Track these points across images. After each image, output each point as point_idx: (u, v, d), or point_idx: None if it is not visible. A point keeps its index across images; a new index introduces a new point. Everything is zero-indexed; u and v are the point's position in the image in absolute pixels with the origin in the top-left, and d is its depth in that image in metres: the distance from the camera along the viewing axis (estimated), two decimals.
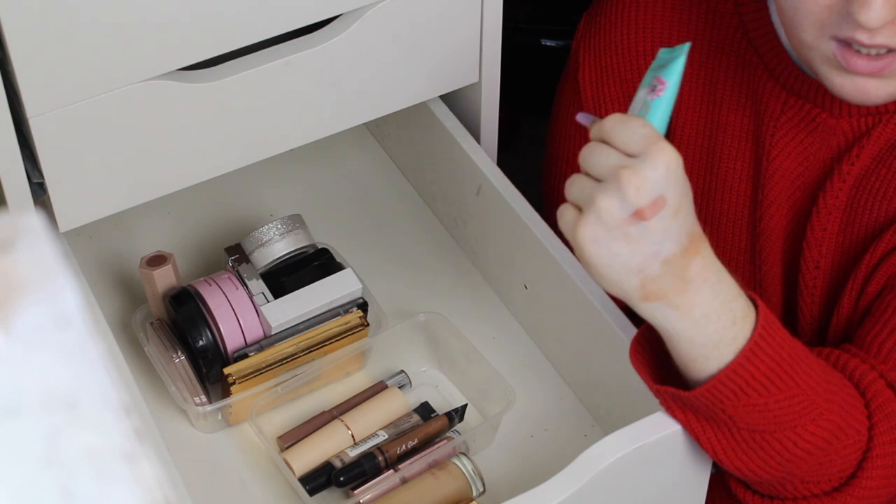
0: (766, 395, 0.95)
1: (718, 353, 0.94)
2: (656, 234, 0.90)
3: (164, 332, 1.17)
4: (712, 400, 0.95)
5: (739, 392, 0.94)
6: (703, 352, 0.94)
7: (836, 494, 1.01)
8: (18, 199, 1.06)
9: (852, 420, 1.00)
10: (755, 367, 0.94)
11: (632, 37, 1.19)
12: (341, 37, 1.11)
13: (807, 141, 1.13)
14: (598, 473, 0.99)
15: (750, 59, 1.14)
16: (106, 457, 0.47)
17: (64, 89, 1.01)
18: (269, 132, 1.15)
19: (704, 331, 0.93)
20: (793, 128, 1.13)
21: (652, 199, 0.88)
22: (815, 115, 1.12)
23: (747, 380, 0.94)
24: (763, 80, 1.13)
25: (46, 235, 0.49)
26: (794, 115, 1.13)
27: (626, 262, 0.90)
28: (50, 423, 0.47)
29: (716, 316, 0.93)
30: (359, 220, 1.35)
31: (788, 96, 1.12)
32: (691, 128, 1.18)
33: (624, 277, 0.91)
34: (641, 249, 0.90)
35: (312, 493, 1.11)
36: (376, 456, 1.12)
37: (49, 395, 0.47)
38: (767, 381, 0.95)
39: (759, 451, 0.98)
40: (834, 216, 1.13)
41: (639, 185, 0.88)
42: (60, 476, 0.46)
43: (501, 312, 1.26)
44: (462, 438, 1.14)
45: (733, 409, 0.95)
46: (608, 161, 0.89)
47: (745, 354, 0.94)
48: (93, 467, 0.47)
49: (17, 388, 0.47)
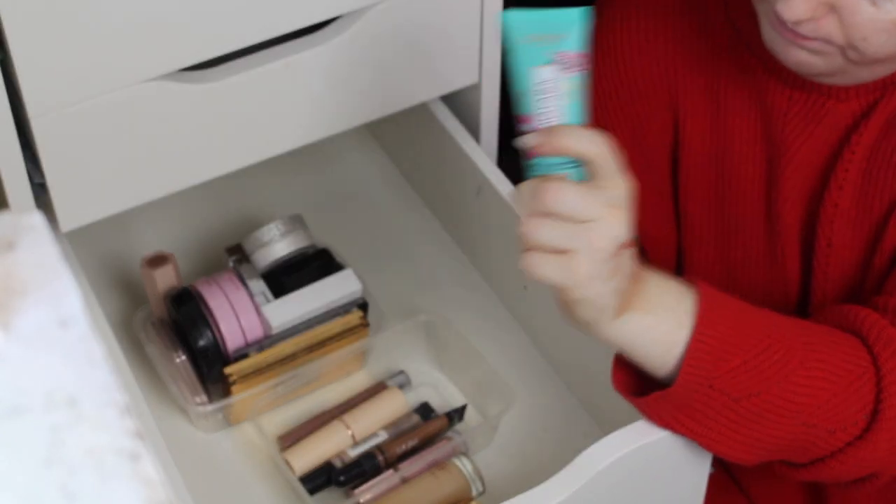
0: (742, 353, 0.97)
1: (683, 332, 0.96)
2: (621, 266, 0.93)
3: (164, 331, 1.17)
4: (696, 379, 0.96)
5: (715, 360, 0.96)
6: (669, 338, 0.96)
7: (869, 435, 1.01)
8: (20, 199, 1.06)
9: (845, 355, 1.00)
10: (715, 331, 0.96)
11: (628, 61, 1.19)
12: (341, 37, 1.11)
13: (817, 131, 1.13)
14: (597, 474, 1.00)
15: (748, 62, 1.14)
16: (107, 456, 0.47)
17: (65, 90, 1.01)
18: (270, 132, 1.15)
19: (662, 317, 0.96)
20: (801, 120, 1.13)
21: None
22: (823, 103, 1.12)
23: (714, 346, 0.96)
24: (765, 81, 1.14)
25: (48, 236, 0.49)
26: (801, 109, 1.13)
27: (615, 286, 0.93)
28: (51, 423, 0.47)
29: (664, 299, 0.96)
30: (359, 220, 1.35)
31: (793, 91, 1.12)
32: (697, 137, 1.18)
33: (609, 300, 0.94)
34: (617, 280, 0.93)
35: (313, 492, 1.11)
36: (376, 456, 1.13)
37: (50, 395, 0.47)
38: (736, 341, 0.97)
39: (767, 415, 0.99)
40: (846, 191, 1.12)
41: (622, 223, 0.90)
42: (61, 475, 0.47)
43: (501, 313, 1.26)
44: (462, 438, 1.14)
45: (719, 381, 0.97)
46: (587, 208, 0.90)
47: (698, 325, 0.96)
48: (94, 466, 0.47)
49: (18, 388, 0.47)
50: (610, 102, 1.20)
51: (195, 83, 1.07)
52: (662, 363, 0.98)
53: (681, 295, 0.97)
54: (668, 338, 0.96)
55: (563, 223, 0.90)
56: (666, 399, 0.98)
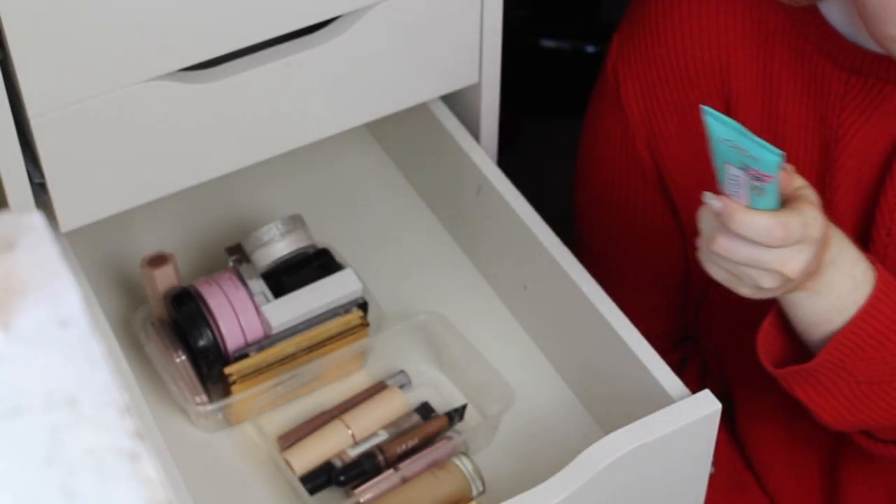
0: (883, 350, 1.04)
1: (840, 316, 1.03)
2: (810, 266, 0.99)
3: (164, 331, 1.17)
4: (835, 359, 1.04)
5: (857, 349, 1.04)
6: (826, 316, 1.03)
7: None
8: (20, 199, 1.06)
9: None
10: (871, 326, 1.03)
11: (679, 47, 1.17)
12: (341, 37, 1.11)
13: (875, 116, 1.12)
14: (597, 473, 1.00)
15: (803, 48, 1.13)
16: (107, 456, 0.47)
17: (65, 90, 1.01)
18: (270, 132, 1.15)
19: (828, 299, 1.02)
20: (858, 105, 1.12)
21: None
22: (881, 89, 1.11)
23: (863, 337, 1.03)
24: (820, 66, 1.12)
25: (47, 236, 0.49)
26: (858, 94, 1.12)
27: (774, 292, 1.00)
28: (51, 423, 0.47)
29: (839, 285, 1.02)
30: (359, 220, 1.35)
31: (850, 76, 1.11)
32: (749, 123, 1.17)
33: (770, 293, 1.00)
34: None
35: (313, 492, 1.11)
36: (376, 455, 1.13)
37: (50, 395, 0.47)
38: (884, 338, 1.04)
39: (880, 401, 1.07)
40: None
41: (802, 270, 0.97)
42: (61, 475, 0.47)
43: (501, 312, 1.26)
44: (462, 438, 1.14)
45: (853, 365, 1.04)
46: (775, 257, 0.96)
47: (861, 315, 1.03)
48: (94, 466, 0.47)
49: (18, 388, 0.47)
50: (660, 90, 1.19)
51: (195, 83, 1.07)
52: (809, 335, 1.05)
53: (857, 285, 1.03)
54: (826, 316, 1.03)
55: (757, 249, 0.95)
56: (800, 374, 1.05)
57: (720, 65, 1.17)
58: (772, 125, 1.16)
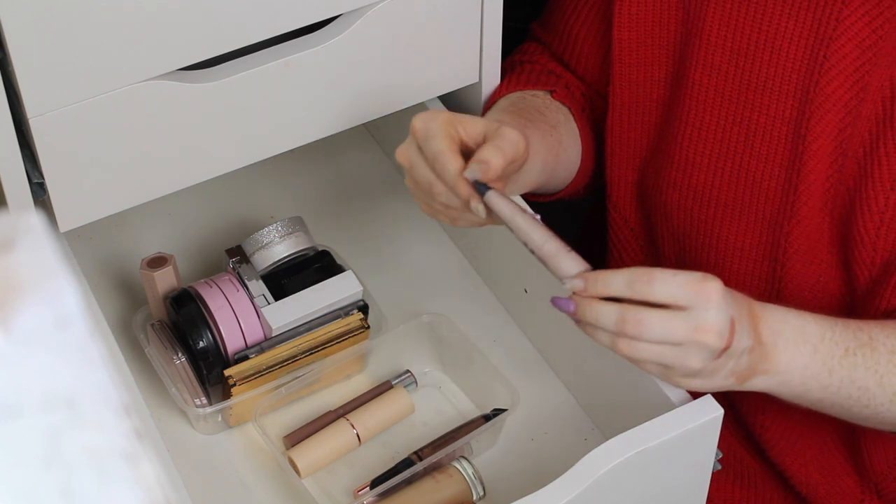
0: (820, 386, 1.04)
1: (823, 379, 1.02)
2: (739, 346, 0.97)
3: (164, 333, 1.17)
4: None
5: None
6: (802, 387, 1.02)
7: None
8: (18, 199, 1.06)
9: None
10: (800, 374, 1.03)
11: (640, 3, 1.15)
12: (341, 37, 1.11)
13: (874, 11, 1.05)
14: (598, 478, 0.99)
15: None
16: (106, 457, 0.47)
17: (64, 89, 1.01)
18: (269, 132, 1.14)
19: (795, 371, 1.01)
20: None
21: (729, 331, 0.95)
22: None
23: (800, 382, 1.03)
24: None
25: (46, 236, 0.48)
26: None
27: (724, 378, 0.99)
28: (50, 424, 0.47)
29: (798, 354, 1.00)
30: (359, 221, 1.35)
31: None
32: (717, 29, 1.11)
33: (723, 386, 1.00)
34: (733, 364, 0.98)
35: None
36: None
37: (49, 396, 0.47)
38: None
39: None
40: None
41: (717, 332, 0.94)
42: (60, 476, 0.46)
43: (502, 316, 1.26)
44: (465, 440, 1.14)
45: None
46: (675, 329, 0.93)
47: None
48: (93, 468, 0.47)
49: (17, 389, 0.46)
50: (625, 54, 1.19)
51: (195, 83, 1.07)
52: (799, 401, 1.05)
53: (816, 348, 1.02)
54: (805, 384, 1.03)
55: (671, 319, 0.94)
56: None
57: None
58: (747, 33, 1.11)
